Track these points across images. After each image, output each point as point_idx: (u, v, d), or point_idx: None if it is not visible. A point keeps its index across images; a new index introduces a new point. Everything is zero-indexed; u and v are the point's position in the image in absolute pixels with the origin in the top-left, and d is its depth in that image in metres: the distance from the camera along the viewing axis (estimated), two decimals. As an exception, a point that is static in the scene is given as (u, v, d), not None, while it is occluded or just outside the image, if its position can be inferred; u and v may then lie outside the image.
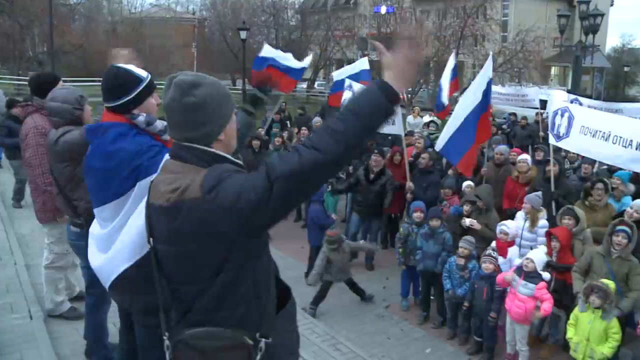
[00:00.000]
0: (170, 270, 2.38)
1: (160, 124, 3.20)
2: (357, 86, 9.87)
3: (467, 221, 7.66)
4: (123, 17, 46.67)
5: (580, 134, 7.65)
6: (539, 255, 6.34)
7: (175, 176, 2.28)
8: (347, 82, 10.97)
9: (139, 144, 3.08)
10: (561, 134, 7.96)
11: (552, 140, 8.20)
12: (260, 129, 12.65)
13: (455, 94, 14.72)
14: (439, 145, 9.31)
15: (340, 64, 48.12)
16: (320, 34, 38.28)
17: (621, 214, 7.28)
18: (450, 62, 10.88)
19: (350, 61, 39.42)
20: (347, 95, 10.48)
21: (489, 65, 9.41)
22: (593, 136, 7.45)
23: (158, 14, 48.70)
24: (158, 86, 3.18)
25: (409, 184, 9.31)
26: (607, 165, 9.28)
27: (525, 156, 9.38)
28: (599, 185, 7.60)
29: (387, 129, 9.88)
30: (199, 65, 40.59)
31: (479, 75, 9.48)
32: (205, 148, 2.31)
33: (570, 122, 7.84)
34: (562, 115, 8.00)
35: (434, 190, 9.25)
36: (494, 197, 8.86)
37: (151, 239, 2.42)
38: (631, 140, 6.94)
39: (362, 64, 12.80)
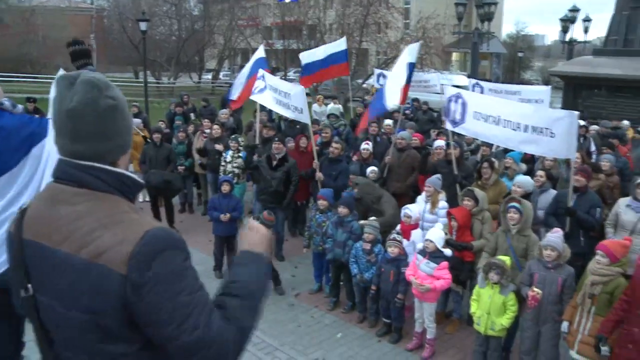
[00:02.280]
0: (53, 330, 1.90)
1: (20, 107, 3.08)
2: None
3: (361, 222, 7.82)
4: (10, 5, 43.57)
5: (474, 120, 7.92)
6: (436, 234, 6.53)
7: (78, 211, 1.80)
8: (260, 72, 10.84)
9: (18, 119, 3.00)
10: (457, 120, 8.21)
11: (449, 126, 8.45)
12: (161, 122, 12.30)
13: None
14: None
15: (245, 54, 47.41)
16: (224, 23, 37.57)
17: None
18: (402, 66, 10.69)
19: (254, 50, 39.15)
20: (259, 84, 10.38)
21: (414, 51, 9.65)
22: (485, 121, 7.74)
23: (51, 3, 46.02)
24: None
25: (319, 174, 9.34)
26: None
27: (442, 142, 9.65)
28: (485, 164, 7.96)
29: (296, 117, 9.90)
30: (99, 58, 39.05)
31: (400, 60, 9.81)
32: (110, 168, 1.88)
33: (464, 108, 8.10)
34: (456, 102, 8.24)
35: (344, 178, 9.32)
36: (397, 181, 9.10)
37: (29, 286, 1.89)
38: (519, 124, 7.28)
39: (260, 51, 12.68)
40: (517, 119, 7.29)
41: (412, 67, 9.48)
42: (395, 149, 9.75)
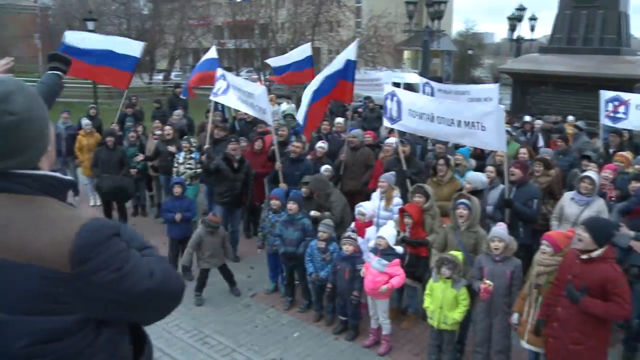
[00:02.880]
0: None
1: None
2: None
3: (311, 213, 7.90)
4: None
5: (410, 117, 8.08)
6: (388, 231, 6.60)
7: (6, 216, 1.71)
8: (219, 71, 10.76)
9: None
10: (394, 117, 8.34)
11: (386, 124, 8.56)
12: (114, 125, 12.07)
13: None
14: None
15: (196, 54, 46.79)
16: (174, 23, 36.98)
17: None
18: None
19: (207, 50, 38.66)
20: (220, 84, 10.32)
21: (353, 49, 9.67)
22: (420, 118, 7.90)
23: (-9, 1, 44.51)
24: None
25: (283, 185, 9.24)
26: (454, 143, 9.87)
27: (392, 139, 9.73)
28: (440, 161, 8.08)
29: (259, 116, 9.86)
30: (45, 58, 37.90)
31: (339, 56, 9.78)
32: (31, 172, 1.78)
33: (399, 106, 8.23)
34: (392, 100, 8.36)
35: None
36: (351, 179, 9.15)
37: None
38: (452, 120, 7.48)
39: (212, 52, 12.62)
40: (449, 115, 7.49)
41: (353, 65, 9.53)
42: (349, 148, 9.80)
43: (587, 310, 4.78)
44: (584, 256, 4.83)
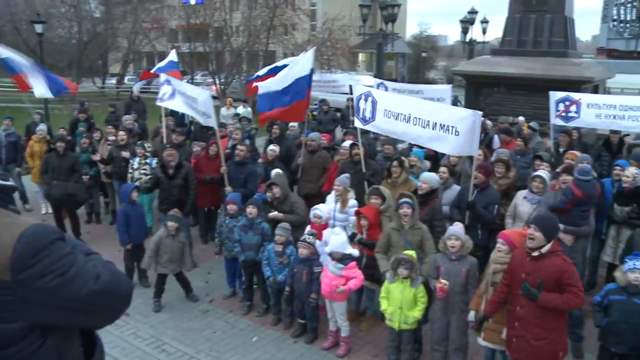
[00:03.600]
0: None
1: None
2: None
3: (270, 214, 7.89)
4: None
5: (385, 117, 8.09)
6: (338, 240, 6.53)
7: None
8: (163, 77, 10.64)
9: None
10: (367, 118, 8.37)
11: (358, 124, 8.60)
12: (62, 130, 11.79)
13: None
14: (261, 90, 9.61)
15: (150, 57, 46.23)
16: (127, 26, 36.43)
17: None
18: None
19: (161, 54, 38.20)
20: (166, 89, 10.20)
21: (311, 56, 9.69)
22: (396, 119, 7.93)
23: None
24: None
25: (228, 188, 9.19)
26: (410, 144, 9.98)
27: (348, 142, 9.78)
28: (395, 163, 8.15)
29: (204, 122, 9.77)
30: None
31: (302, 61, 9.76)
32: None
33: (374, 106, 8.27)
34: (365, 100, 8.40)
35: (253, 181, 9.26)
36: (308, 182, 9.15)
37: None
38: (428, 121, 7.51)
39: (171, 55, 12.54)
40: (426, 117, 7.51)
41: (311, 72, 9.57)
42: (307, 151, 9.81)
43: (546, 305, 4.88)
44: (535, 253, 4.93)
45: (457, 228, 6.03)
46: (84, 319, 1.87)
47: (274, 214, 7.89)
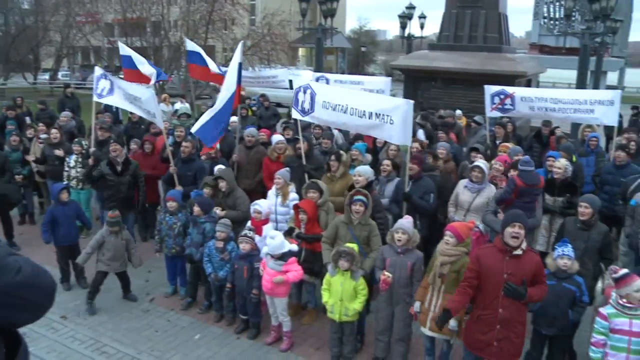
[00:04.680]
0: None
1: None
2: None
3: (217, 211, 7.84)
4: None
5: (323, 109, 8.20)
6: (275, 242, 6.50)
7: None
8: (99, 71, 10.35)
9: None
10: (306, 109, 8.44)
11: (297, 115, 8.64)
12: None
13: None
14: (195, 128, 9.23)
15: (85, 52, 44.85)
16: (59, 19, 35.11)
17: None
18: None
19: (96, 49, 37.17)
20: (104, 84, 9.94)
21: (239, 52, 9.57)
22: (334, 110, 8.04)
23: None
24: None
25: (179, 187, 9.03)
26: (349, 139, 10.10)
27: (281, 137, 9.76)
28: (332, 157, 8.24)
29: (148, 117, 9.59)
30: None
31: (231, 63, 9.60)
32: None
33: (312, 98, 8.34)
34: (304, 92, 8.47)
35: (203, 177, 9.10)
36: (246, 177, 9.10)
37: None
38: (364, 111, 7.64)
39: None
40: (362, 107, 7.65)
41: (240, 67, 9.51)
42: (244, 146, 9.76)
43: (531, 300, 5.03)
44: (518, 252, 5.02)
45: (405, 222, 6.09)
46: (3, 314, 1.81)
47: (217, 211, 7.85)
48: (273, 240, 6.44)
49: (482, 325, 5.23)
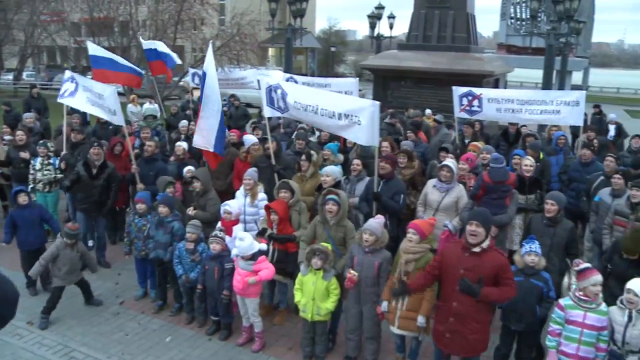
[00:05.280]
0: None
1: None
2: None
3: (189, 211, 7.83)
4: None
5: (295, 108, 8.24)
6: (245, 244, 6.48)
7: None
8: (67, 73, 10.18)
9: None
10: (282, 107, 8.49)
11: (274, 113, 8.74)
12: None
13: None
14: (202, 143, 9.02)
15: (51, 52, 44.04)
16: (23, 17, 34.38)
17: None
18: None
19: (62, 48, 36.51)
20: (68, 86, 9.79)
21: (211, 55, 9.54)
22: (305, 110, 8.07)
23: None
24: None
25: (140, 185, 8.99)
26: (319, 139, 10.13)
27: (254, 138, 9.73)
28: (302, 157, 8.27)
29: (109, 119, 9.47)
30: None
31: (210, 68, 9.50)
32: None
33: (284, 98, 8.37)
34: (275, 92, 8.50)
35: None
36: (217, 179, 9.06)
37: None
38: (333, 112, 7.67)
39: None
40: (331, 108, 7.67)
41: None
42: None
43: (486, 299, 5.03)
44: (477, 249, 5.05)
45: (374, 222, 6.09)
46: None
47: (190, 212, 7.82)
48: (242, 242, 6.41)
49: (440, 315, 5.38)
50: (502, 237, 7.51)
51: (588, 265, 5.33)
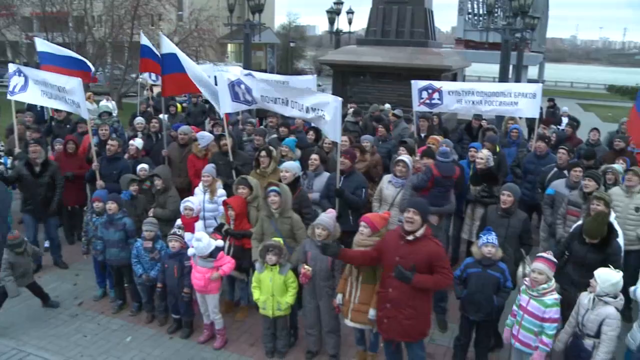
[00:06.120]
0: None
1: None
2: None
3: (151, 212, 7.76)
4: None
5: (264, 102, 8.28)
6: (201, 245, 6.44)
7: None
8: (12, 67, 9.87)
9: None
10: (249, 100, 8.53)
11: (242, 107, 8.89)
12: None
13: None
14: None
15: (1, 47, 42.65)
16: (-31, 12, 33.26)
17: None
18: None
19: (13, 44, 35.48)
20: (17, 81, 9.45)
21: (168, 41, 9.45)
22: (275, 103, 8.13)
23: None
24: None
25: (100, 182, 8.80)
26: (278, 135, 10.11)
27: (208, 134, 9.65)
28: (263, 153, 8.23)
29: (74, 111, 9.26)
30: None
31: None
32: None
33: (249, 91, 8.41)
34: (239, 86, 8.52)
35: None
36: (178, 176, 8.97)
37: None
38: (302, 105, 7.77)
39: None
40: (301, 102, 7.76)
41: (169, 57, 9.37)
42: (178, 144, 9.64)
43: (419, 286, 5.10)
44: (411, 237, 5.12)
45: (326, 217, 6.11)
46: None
47: (153, 211, 7.77)
48: (200, 242, 6.37)
49: (379, 301, 5.48)
50: (442, 225, 7.72)
51: (540, 254, 5.47)
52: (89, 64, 12.26)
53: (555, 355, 5.64)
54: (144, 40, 10.72)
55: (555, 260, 5.43)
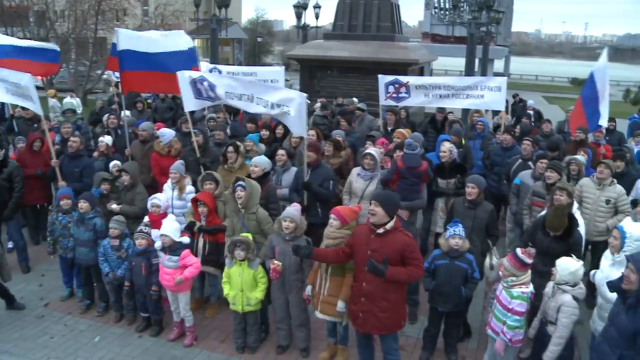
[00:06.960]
0: None
1: None
2: None
3: (113, 206, 7.68)
4: None
5: (229, 98, 8.27)
6: (170, 226, 6.49)
7: None
8: None
9: None
10: (213, 97, 8.50)
11: (206, 104, 8.88)
12: None
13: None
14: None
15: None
16: None
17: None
18: None
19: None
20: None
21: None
22: (240, 99, 8.13)
23: None
24: None
25: (61, 183, 8.67)
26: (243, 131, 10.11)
27: (170, 130, 9.56)
28: (230, 148, 8.20)
29: (30, 107, 9.08)
30: None
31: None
32: None
33: (213, 88, 8.35)
34: (202, 83, 8.47)
35: (90, 174, 8.75)
36: (142, 172, 8.87)
37: None
38: (267, 101, 7.79)
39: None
40: (266, 98, 7.78)
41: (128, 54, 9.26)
42: (139, 141, 9.52)
43: (392, 279, 5.10)
44: (380, 230, 5.13)
45: (292, 210, 6.14)
46: None
47: (113, 206, 7.65)
48: (170, 222, 6.47)
49: (353, 296, 5.47)
50: (413, 219, 7.76)
51: (517, 251, 5.45)
52: (55, 47, 11.98)
53: (527, 341, 5.74)
54: (115, 39, 10.58)
55: (524, 259, 5.31)
